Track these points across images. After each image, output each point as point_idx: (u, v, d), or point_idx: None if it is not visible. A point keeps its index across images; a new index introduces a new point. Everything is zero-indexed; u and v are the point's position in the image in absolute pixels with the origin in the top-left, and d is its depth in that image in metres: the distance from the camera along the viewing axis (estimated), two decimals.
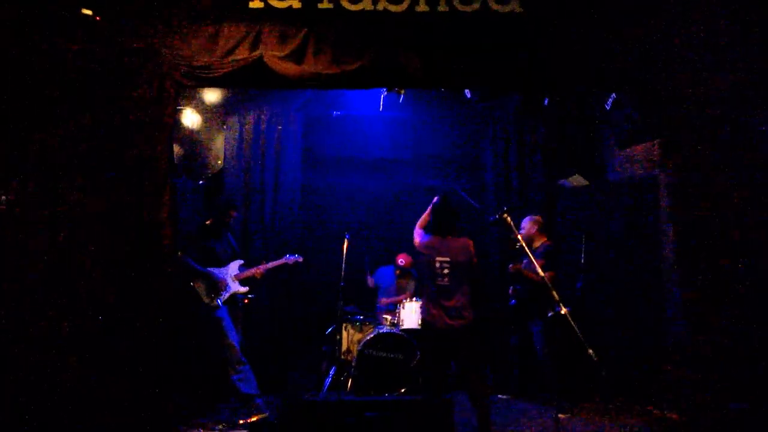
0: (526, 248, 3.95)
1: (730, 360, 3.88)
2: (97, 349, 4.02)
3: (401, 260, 6.35)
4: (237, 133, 6.44)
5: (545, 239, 5.39)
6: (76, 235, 4.10)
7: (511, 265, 5.28)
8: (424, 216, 4.37)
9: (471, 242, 4.21)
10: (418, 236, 4.33)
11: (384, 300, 6.39)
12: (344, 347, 5.85)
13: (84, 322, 4.02)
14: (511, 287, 5.57)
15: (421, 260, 4.25)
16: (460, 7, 4.32)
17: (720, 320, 3.93)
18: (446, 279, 4.07)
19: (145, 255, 4.12)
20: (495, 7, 4.31)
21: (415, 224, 4.41)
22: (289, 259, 5.39)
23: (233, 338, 4.85)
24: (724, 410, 3.77)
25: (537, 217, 5.51)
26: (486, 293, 5.73)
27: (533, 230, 5.40)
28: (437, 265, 4.09)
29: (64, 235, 4.08)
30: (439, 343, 4.06)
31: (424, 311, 4.19)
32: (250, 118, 6.45)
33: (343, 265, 5.68)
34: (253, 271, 5.19)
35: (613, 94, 5.13)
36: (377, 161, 7.00)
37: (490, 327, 5.91)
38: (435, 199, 4.32)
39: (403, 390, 5.36)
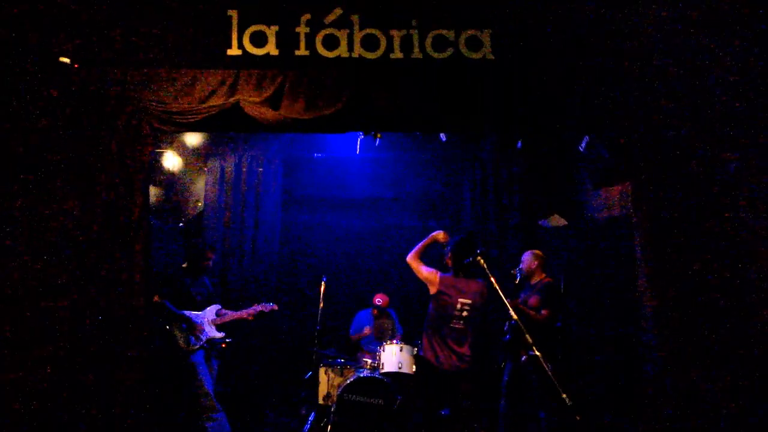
0: (500, 293, 3.92)
1: (704, 407, 3.87)
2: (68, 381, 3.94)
3: (378, 300, 6.31)
4: (218, 175, 6.48)
5: (544, 276, 5.15)
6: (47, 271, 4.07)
7: (508, 301, 5.21)
8: (420, 247, 4.25)
9: (485, 284, 4.07)
10: (429, 271, 4.12)
11: (366, 342, 6.33)
12: (324, 391, 5.74)
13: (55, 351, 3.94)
14: (507, 322, 5.50)
15: (439, 298, 4.06)
16: (433, 55, 4.41)
17: (694, 367, 3.93)
18: (462, 323, 3.96)
19: (119, 297, 4.08)
20: (467, 54, 4.41)
21: (404, 258, 4.29)
22: (265, 307, 5.31)
23: (208, 384, 4.76)
24: None
25: (538, 252, 5.26)
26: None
27: (534, 265, 5.15)
28: (458, 306, 3.97)
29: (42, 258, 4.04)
30: (441, 387, 3.93)
31: (429, 352, 4.00)
32: (231, 160, 6.51)
33: (320, 308, 5.63)
34: (228, 318, 5.13)
35: (587, 137, 5.24)
36: (358, 201, 7.06)
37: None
38: (456, 236, 4.18)
39: None
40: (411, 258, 4.27)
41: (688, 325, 4.04)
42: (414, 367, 5.61)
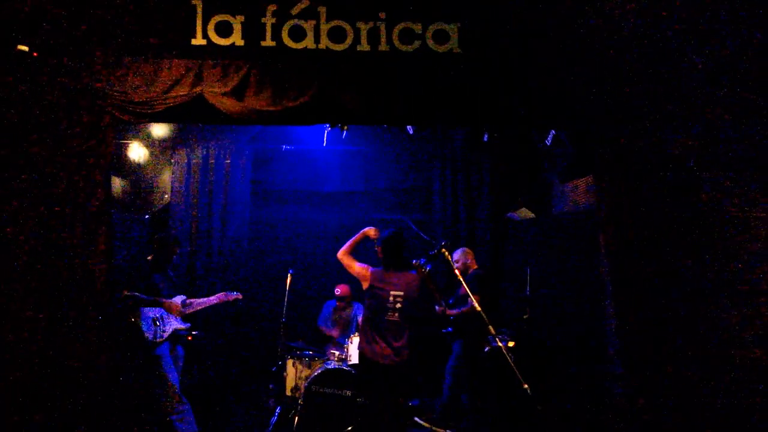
0: (462, 280, 3.97)
1: (661, 397, 3.98)
2: (26, 377, 3.87)
3: (338, 290, 6.33)
4: (185, 167, 6.40)
5: (475, 266, 5.66)
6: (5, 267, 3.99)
7: (438, 308, 5.35)
8: (351, 243, 4.29)
9: (418, 277, 4.15)
10: (360, 265, 4.19)
11: (330, 333, 6.35)
12: (292, 384, 5.74)
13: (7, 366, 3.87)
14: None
15: (372, 293, 4.10)
16: (400, 47, 4.42)
17: (653, 354, 4.04)
18: (396, 315, 4.00)
19: (78, 291, 4.01)
20: (434, 47, 4.43)
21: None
22: (229, 295, 5.28)
23: (172, 377, 4.71)
24: None
25: (467, 249, 5.79)
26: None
27: (467, 260, 5.63)
28: (390, 299, 4.01)
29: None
30: (382, 379, 3.99)
31: (365, 346, 4.07)
32: (199, 152, 6.43)
33: (286, 301, 5.62)
34: (193, 308, 5.09)
35: (552, 131, 5.31)
36: (327, 195, 7.05)
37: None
38: (385, 232, 4.27)
39: (350, 428, 5.28)
40: (342, 254, 4.27)
41: (650, 315, 4.14)
42: None
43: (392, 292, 4.04)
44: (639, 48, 4.38)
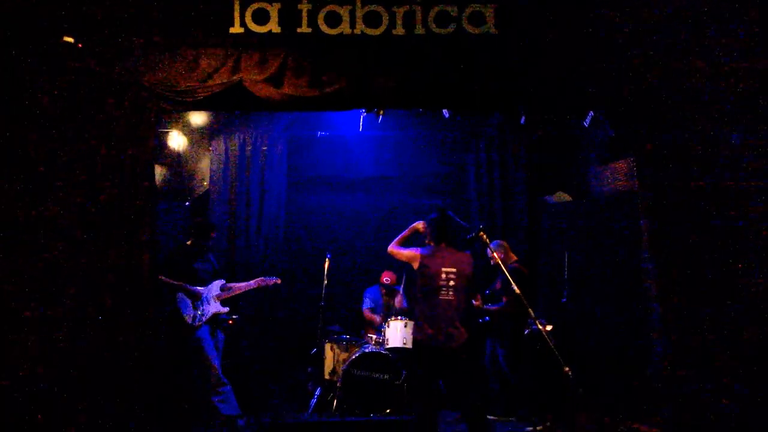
0: (502, 265, 3.95)
1: (705, 377, 3.91)
2: (77, 368, 3.99)
3: (386, 278, 6.36)
4: (223, 155, 6.51)
5: (514, 259, 5.61)
6: (58, 252, 4.10)
7: (474, 302, 5.35)
8: (401, 237, 4.26)
9: (471, 256, 4.08)
10: (409, 250, 4.12)
11: (373, 318, 6.39)
12: (330, 367, 5.82)
13: (62, 340, 3.99)
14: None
15: (423, 272, 3.98)
16: (436, 30, 4.39)
17: (695, 336, 3.97)
18: (451, 292, 3.88)
19: (123, 281, 4.12)
20: (470, 29, 4.38)
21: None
22: (268, 280, 5.37)
23: (214, 359, 4.85)
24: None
25: (503, 242, 5.73)
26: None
27: (503, 253, 5.55)
28: (443, 276, 3.89)
29: (46, 248, 4.08)
30: (435, 362, 3.86)
31: (420, 329, 3.93)
32: (236, 140, 6.53)
33: (324, 285, 5.69)
34: (232, 292, 5.20)
35: (591, 112, 5.20)
36: (362, 180, 7.05)
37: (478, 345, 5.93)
38: (432, 214, 4.20)
39: (388, 410, 5.34)
40: (392, 247, 4.22)
41: (693, 299, 4.07)
42: None
43: (444, 269, 3.92)
44: (682, 28, 4.25)
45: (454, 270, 3.94)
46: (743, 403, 3.89)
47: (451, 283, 3.91)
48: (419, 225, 4.28)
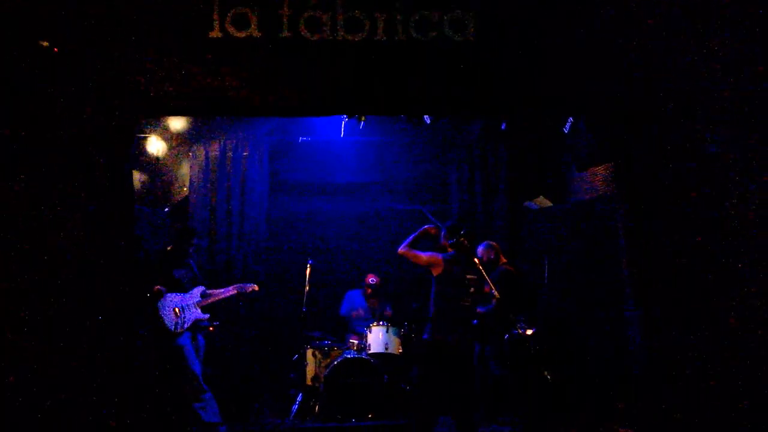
0: (483, 271, 3.99)
1: (683, 381, 3.96)
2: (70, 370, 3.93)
3: (372, 279, 6.36)
4: (203, 160, 6.46)
5: (504, 261, 5.55)
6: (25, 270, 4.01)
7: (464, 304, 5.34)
8: (412, 239, 4.28)
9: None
10: (429, 255, 4.15)
11: (357, 323, 6.38)
12: (312, 373, 5.80)
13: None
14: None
15: (446, 278, 4.05)
16: (417, 36, 4.40)
17: (674, 341, 4.01)
18: (470, 300, 4.00)
19: (101, 288, 4.05)
20: (451, 35, 4.39)
21: (397, 247, 4.31)
22: (245, 287, 5.32)
23: (195, 366, 4.79)
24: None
25: (492, 243, 5.67)
26: None
27: (492, 255, 5.52)
28: (466, 282, 4.00)
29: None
30: (448, 364, 3.94)
31: (438, 331, 3.99)
32: (216, 145, 6.49)
33: (306, 291, 5.69)
34: (212, 299, 5.16)
35: (570, 118, 5.27)
36: (344, 186, 7.06)
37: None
38: (448, 222, 4.33)
39: (370, 416, 5.34)
40: (404, 249, 4.24)
41: (673, 302, 4.11)
42: (400, 348, 5.69)
43: (468, 276, 4.05)
44: (663, 32, 4.31)
45: (475, 277, 4.06)
46: (724, 405, 3.94)
47: (472, 289, 4.04)
48: (431, 228, 4.34)
